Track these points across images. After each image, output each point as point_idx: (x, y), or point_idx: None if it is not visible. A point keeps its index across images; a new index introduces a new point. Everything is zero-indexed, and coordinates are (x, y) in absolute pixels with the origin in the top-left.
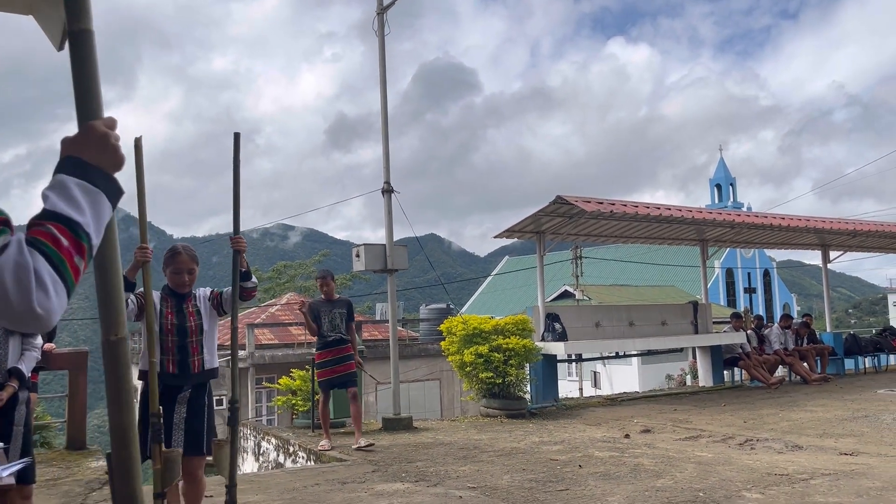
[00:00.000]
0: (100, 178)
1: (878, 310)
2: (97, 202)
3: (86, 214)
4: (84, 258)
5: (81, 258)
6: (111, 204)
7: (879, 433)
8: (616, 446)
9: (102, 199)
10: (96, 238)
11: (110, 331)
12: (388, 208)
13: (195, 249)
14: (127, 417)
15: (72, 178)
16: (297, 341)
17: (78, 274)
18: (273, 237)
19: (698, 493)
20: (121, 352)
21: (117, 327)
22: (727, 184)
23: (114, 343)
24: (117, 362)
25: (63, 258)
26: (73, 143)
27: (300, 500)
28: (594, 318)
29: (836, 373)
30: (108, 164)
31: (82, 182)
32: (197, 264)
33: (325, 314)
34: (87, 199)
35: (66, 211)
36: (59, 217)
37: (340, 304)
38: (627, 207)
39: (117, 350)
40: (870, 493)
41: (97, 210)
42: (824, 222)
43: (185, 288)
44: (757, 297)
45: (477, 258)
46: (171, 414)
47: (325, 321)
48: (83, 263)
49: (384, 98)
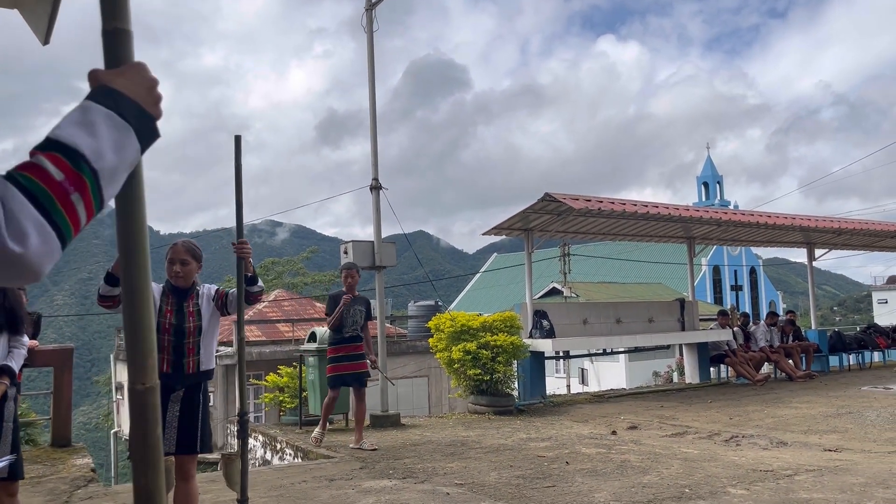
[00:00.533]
0: (135, 112)
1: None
2: (123, 137)
3: (99, 142)
4: (87, 196)
5: (81, 196)
6: (142, 146)
7: (863, 430)
8: (603, 443)
9: (130, 136)
10: (110, 177)
11: (138, 377)
12: (376, 205)
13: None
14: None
15: (99, 105)
16: (284, 338)
17: (75, 216)
18: (261, 234)
19: (684, 490)
20: (150, 403)
21: (146, 373)
22: (714, 182)
23: (141, 392)
24: (146, 415)
25: (51, 195)
26: (112, 74)
27: (287, 497)
28: (582, 315)
29: (821, 370)
30: (148, 107)
31: (110, 112)
32: (194, 257)
33: (349, 309)
34: (109, 131)
35: (69, 138)
36: (57, 145)
37: (361, 301)
38: (615, 205)
39: (146, 400)
40: (853, 489)
41: (120, 145)
42: (809, 220)
43: (179, 280)
44: (743, 295)
45: (465, 255)
46: (163, 413)
47: (347, 316)
48: (84, 204)
49: (373, 95)
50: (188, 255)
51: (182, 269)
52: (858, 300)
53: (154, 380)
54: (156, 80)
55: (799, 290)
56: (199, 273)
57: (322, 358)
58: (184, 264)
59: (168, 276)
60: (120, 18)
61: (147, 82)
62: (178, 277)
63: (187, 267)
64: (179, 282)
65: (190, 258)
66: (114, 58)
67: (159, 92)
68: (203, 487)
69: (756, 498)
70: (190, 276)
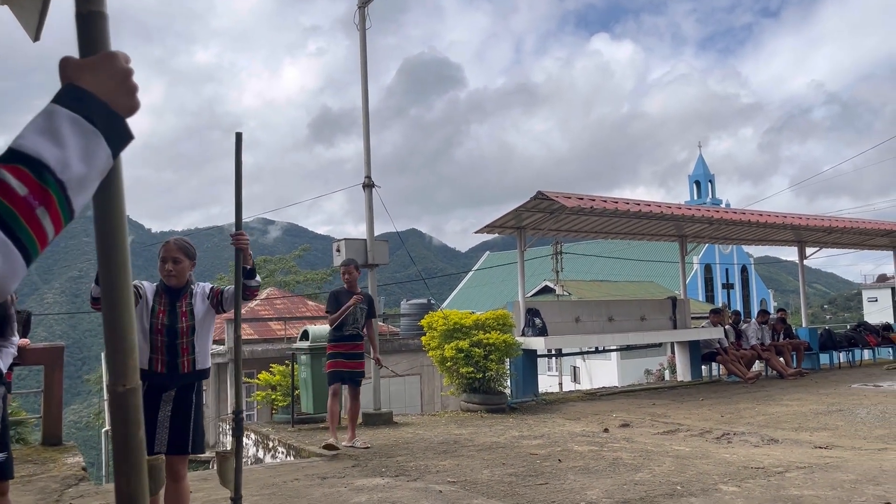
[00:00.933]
0: (104, 115)
1: (853, 305)
2: (91, 143)
3: (65, 151)
4: (53, 210)
5: (47, 210)
6: (112, 150)
7: (853, 427)
8: (595, 440)
9: (99, 142)
10: (78, 186)
11: (119, 378)
12: (368, 203)
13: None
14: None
15: (65, 109)
16: (276, 336)
17: (41, 231)
18: (253, 231)
19: (676, 487)
20: (131, 404)
21: (127, 374)
22: (706, 180)
23: (122, 394)
24: (127, 417)
25: (15, 212)
26: (81, 68)
27: (280, 495)
28: (574, 314)
29: (812, 367)
30: (121, 107)
31: (76, 116)
32: (187, 255)
33: None
34: (76, 138)
35: (32, 148)
36: (20, 156)
37: (363, 298)
38: (607, 203)
39: (127, 402)
40: (844, 485)
41: (89, 153)
42: (800, 219)
43: (171, 279)
44: (735, 293)
45: (458, 253)
46: (155, 412)
47: (348, 315)
48: (51, 217)
49: (365, 93)
50: (180, 254)
51: (174, 267)
52: (849, 298)
53: (135, 381)
54: (129, 71)
55: (790, 288)
56: (192, 271)
57: (314, 356)
58: (176, 262)
59: (160, 274)
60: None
61: (118, 74)
62: (170, 276)
63: (179, 265)
64: (172, 281)
65: (182, 256)
66: (89, 43)
67: (134, 82)
68: (195, 486)
69: (747, 495)
70: (183, 275)
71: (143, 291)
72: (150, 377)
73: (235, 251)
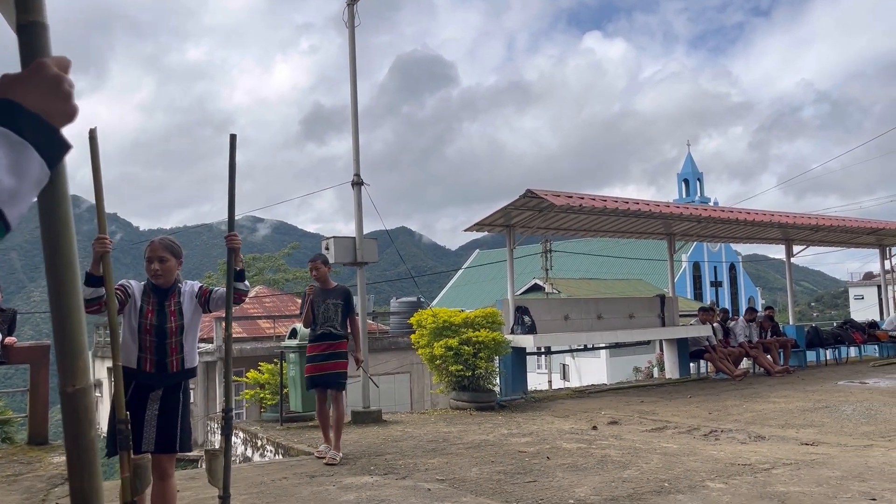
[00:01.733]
0: (34, 126)
1: (840, 303)
2: (20, 156)
3: None
4: None
5: None
6: (48, 160)
7: (839, 424)
8: (584, 438)
9: (29, 154)
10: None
11: (68, 379)
12: (357, 201)
13: (175, 241)
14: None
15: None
16: (265, 335)
17: None
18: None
19: (664, 484)
20: (81, 405)
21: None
22: (695, 178)
23: (72, 395)
24: (77, 417)
25: None
26: (12, 82)
27: (268, 493)
28: (563, 311)
29: (799, 365)
30: (56, 113)
31: (3, 129)
32: (173, 254)
33: (319, 303)
34: (3, 151)
35: None
36: None
37: (336, 293)
38: (596, 201)
39: (77, 403)
40: (829, 481)
41: (18, 166)
42: (787, 217)
43: (159, 279)
44: (723, 291)
45: (448, 251)
46: (143, 411)
47: (319, 312)
48: None
49: (354, 90)
50: (166, 252)
51: (161, 266)
52: (836, 296)
53: (85, 381)
54: (60, 77)
55: (777, 286)
56: (179, 270)
57: (303, 354)
58: (162, 261)
59: (147, 274)
60: (35, 11)
61: (50, 81)
62: (157, 276)
63: (166, 264)
64: (159, 280)
65: (168, 255)
66: (30, 53)
67: (67, 87)
68: (183, 485)
69: (734, 492)
70: (170, 274)
71: (130, 291)
72: (138, 376)
73: (228, 251)
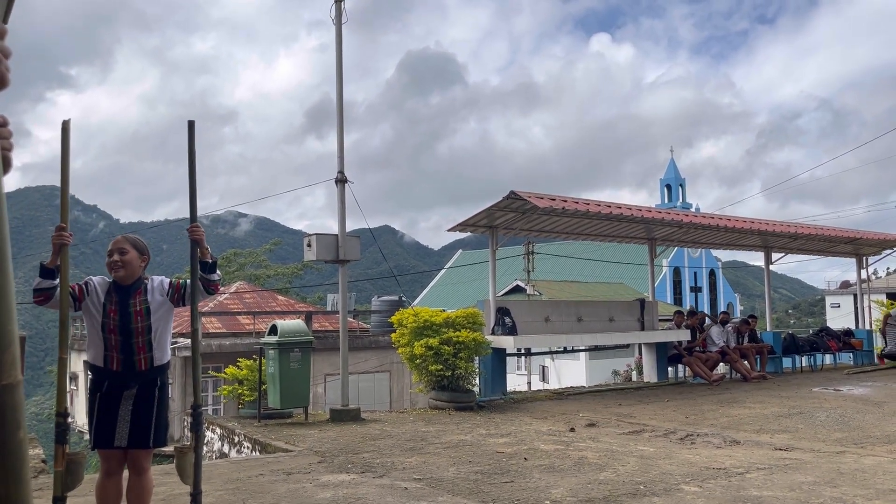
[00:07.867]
0: None
1: (817, 311)
2: None
3: None
4: None
5: None
6: None
7: (813, 429)
8: (561, 440)
9: None
10: None
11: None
12: (341, 198)
13: (140, 238)
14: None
15: None
16: (245, 330)
17: None
18: (224, 224)
19: (639, 486)
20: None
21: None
22: (677, 184)
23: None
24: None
25: None
26: None
27: (244, 490)
28: (544, 313)
29: (775, 371)
30: None
31: None
32: (135, 247)
33: None
34: None
35: None
36: None
37: None
38: (579, 204)
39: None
40: (802, 487)
41: None
42: (767, 224)
43: (119, 271)
44: (703, 296)
45: (431, 251)
46: (117, 408)
47: None
48: None
49: (340, 87)
50: (127, 244)
51: (121, 258)
52: (812, 304)
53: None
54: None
55: (756, 292)
56: (144, 267)
57: (283, 351)
58: (122, 253)
59: (108, 269)
60: None
61: None
62: (117, 268)
63: (126, 256)
64: (120, 272)
65: (129, 247)
66: None
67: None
68: (158, 480)
69: (708, 495)
70: (131, 267)
71: (90, 288)
72: (107, 375)
73: (191, 243)
